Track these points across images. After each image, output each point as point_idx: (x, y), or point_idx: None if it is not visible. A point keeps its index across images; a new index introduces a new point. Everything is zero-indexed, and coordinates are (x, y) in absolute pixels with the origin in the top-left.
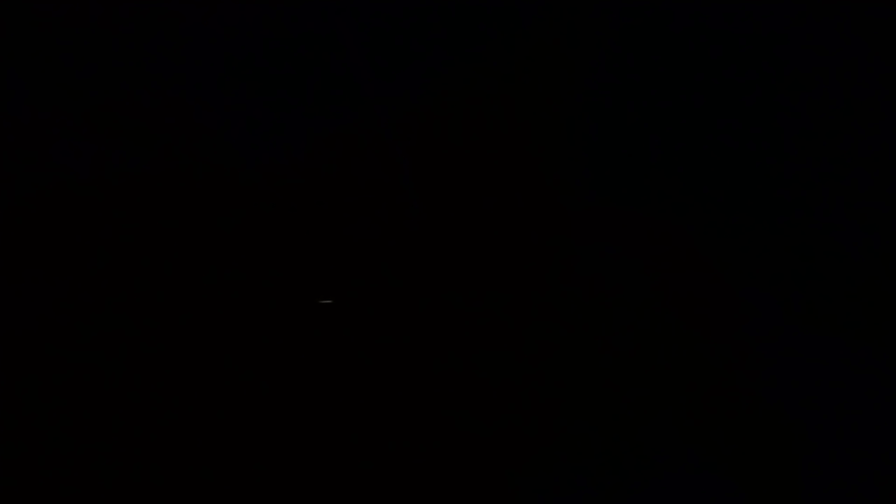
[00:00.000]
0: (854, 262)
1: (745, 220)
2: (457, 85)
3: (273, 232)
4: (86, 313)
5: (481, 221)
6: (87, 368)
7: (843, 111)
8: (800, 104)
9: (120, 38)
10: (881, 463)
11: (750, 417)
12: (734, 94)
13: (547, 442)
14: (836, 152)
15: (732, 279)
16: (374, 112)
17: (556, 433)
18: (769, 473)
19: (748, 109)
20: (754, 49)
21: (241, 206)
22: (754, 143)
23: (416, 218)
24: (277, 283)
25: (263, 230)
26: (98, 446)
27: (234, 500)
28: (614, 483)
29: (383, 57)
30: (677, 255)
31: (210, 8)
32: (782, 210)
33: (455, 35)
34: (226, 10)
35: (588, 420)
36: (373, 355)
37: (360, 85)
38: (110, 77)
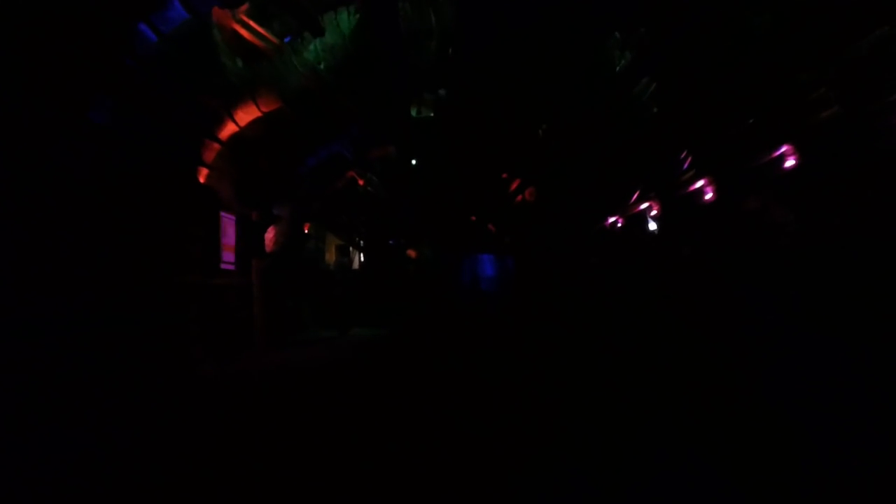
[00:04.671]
0: (853, 263)
1: (744, 221)
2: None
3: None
4: (86, 312)
5: (483, 221)
6: (87, 365)
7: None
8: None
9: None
10: (880, 462)
11: (750, 417)
12: (729, 96)
13: (547, 442)
14: (834, 152)
15: (732, 279)
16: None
17: (556, 433)
18: (769, 473)
19: (744, 109)
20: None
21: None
22: (753, 143)
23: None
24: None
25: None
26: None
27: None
28: (614, 483)
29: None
30: (678, 256)
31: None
32: (781, 212)
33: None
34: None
35: (588, 420)
36: (373, 355)
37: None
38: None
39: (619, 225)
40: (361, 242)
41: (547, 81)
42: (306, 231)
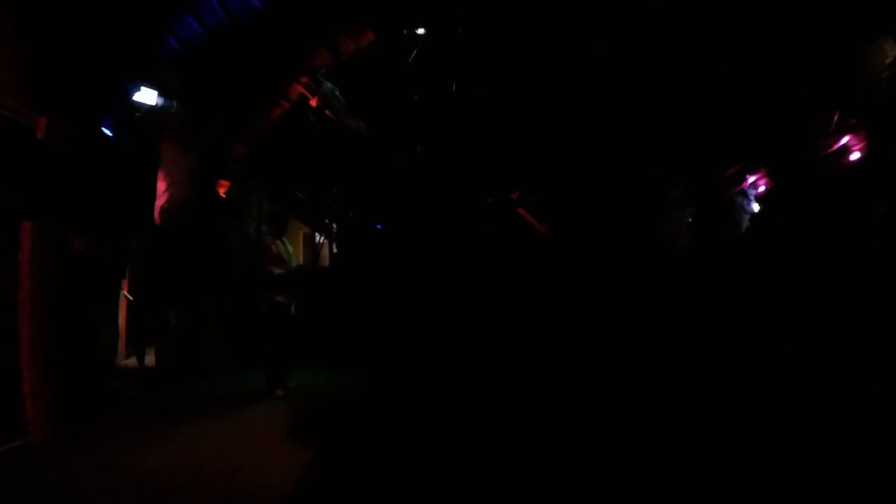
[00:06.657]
0: (852, 263)
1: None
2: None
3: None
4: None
5: (481, 220)
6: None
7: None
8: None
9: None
10: (880, 462)
11: (750, 417)
12: (726, 95)
13: (547, 442)
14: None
15: (732, 279)
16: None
17: (556, 433)
18: (769, 473)
19: (741, 110)
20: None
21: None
22: (753, 144)
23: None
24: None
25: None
26: None
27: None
28: (614, 483)
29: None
30: (678, 256)
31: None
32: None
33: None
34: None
35: (588, 420)
36: (373, 355)
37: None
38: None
39: (762, 188)
40: (334, 226)
41: None
42: (223, 196)
